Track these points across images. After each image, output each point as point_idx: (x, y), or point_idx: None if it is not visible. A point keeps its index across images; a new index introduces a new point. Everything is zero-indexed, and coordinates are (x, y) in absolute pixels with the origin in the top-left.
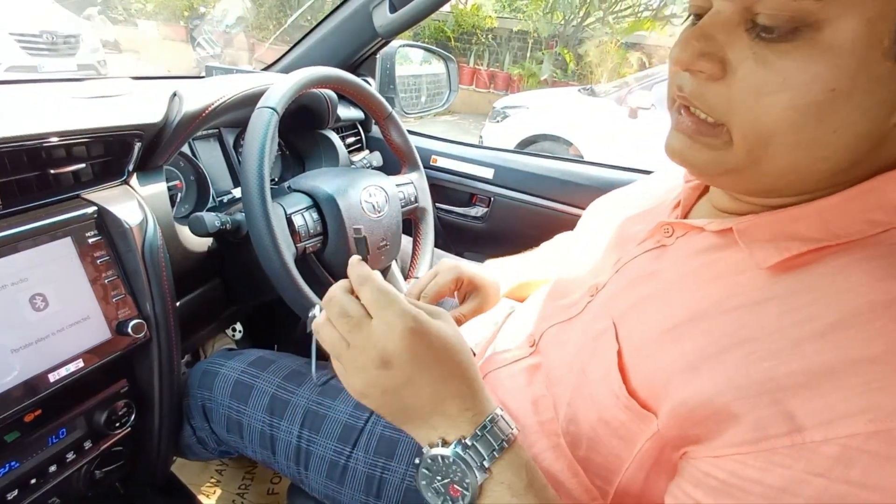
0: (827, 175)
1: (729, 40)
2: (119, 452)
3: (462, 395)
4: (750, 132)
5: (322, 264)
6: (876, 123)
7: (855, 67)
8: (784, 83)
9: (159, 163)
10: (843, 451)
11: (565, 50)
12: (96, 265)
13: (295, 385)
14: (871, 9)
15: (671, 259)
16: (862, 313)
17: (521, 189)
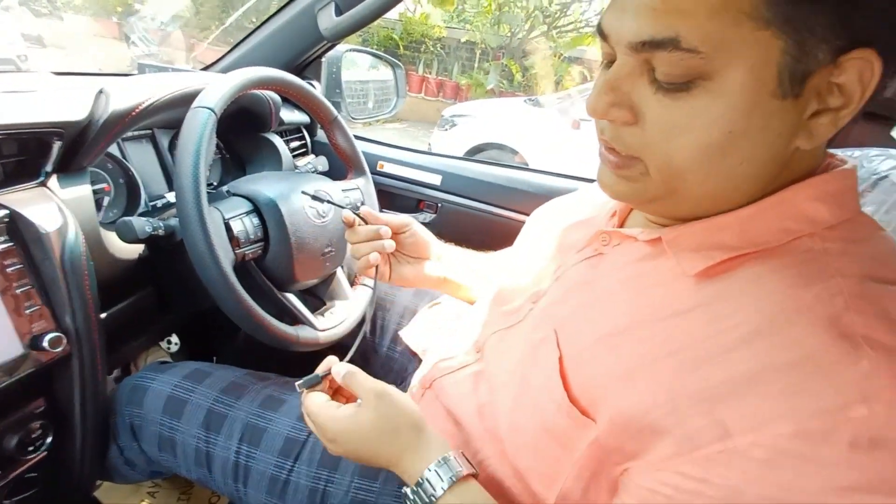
0: (741, 197)
1: (635, 89)
2: (34, 479)
3: (403, 453)
4: (665, 168)
5: (263, 271)
6: (777, 151)
7: (747, 109)
8: (688, 126)
9: (83, 164)
10: (770, 453)
11: (511, 61)
12: (6, 274)
13: (233, 398)
14: (751, 58)
15: (608, 267)
16: (777, 321)
17: (467, 195)
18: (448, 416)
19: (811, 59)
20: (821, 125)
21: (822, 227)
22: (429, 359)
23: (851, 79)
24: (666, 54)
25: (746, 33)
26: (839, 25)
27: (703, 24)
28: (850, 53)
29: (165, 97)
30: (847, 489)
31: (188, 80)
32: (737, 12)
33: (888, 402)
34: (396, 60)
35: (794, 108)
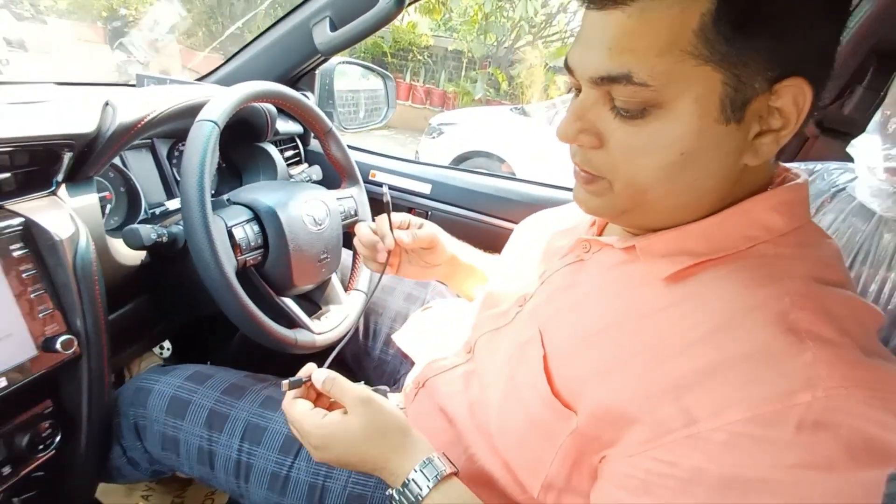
0: (701, 209)
1: (599, 117)
2: (40, 478)
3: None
4: (629, 185)
5: (263, 277)
6: (727, 168)
7: (696, 133)
8: (646, 149)
9: (90, 174)
10: (728, 436)
11: (498, 70)
12: (22, 279)
13: (234, 399)
14: (695, 90)
15: (588, 272)
16: (735, 317)
17: (456, 204)
18: (441, 413)
19: (748, 88)
20: (764, 144)
21: (777, 235)
22: (421, 360)
23: (787, 103)
24: (622, 87)
25: (689, 69)
26: (770, 60)
27: (652, 62)
28: (783, 82)
29: (169, 109)
30: (794, 466)
31: (190, 92)
32: (680, 52)
33: (828, 389)
34: (387, 72)
35: (739, 131)
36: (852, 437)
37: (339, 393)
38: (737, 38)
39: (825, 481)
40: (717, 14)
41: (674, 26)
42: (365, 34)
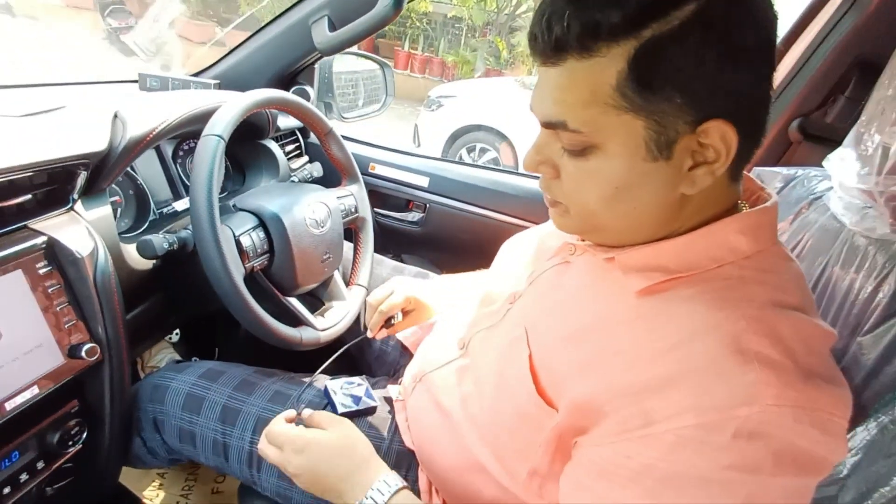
0: (652, 230)
1: (553, 153)
2: (70, 469)
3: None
4: (581, 210)
5: (269, 279)
6: (664, 198)
7: (626, 170)
8: (588, 182)
9: (103, 186)
10: (677, 438)
11: (498, 38)
12: (47, 294)
13: (245, 394)
14: (620, 135)
15: (572, 275)
16: (696, 334)
17: (454, 196)
18: (437, 406)
19: (670, 130)
20: (699, 175)
21: (741, 257)
22: (419, 354)
23: (715, 140)
24: (562, 132)
25: (612, 118)
26: (683, 107)
27: (581, 113)
28: (704, 124)
29: (176, 120)
30: (726, 468)
31: (195, 100)
32: (603, 104)
33: (764, 406)
34: (384, 60)
35: (669, 166)
36: (781, 447)
37: (319, 417)
38: (648, 92)
39: (750, 482)
40: (629, 74)
41: (595, 83)
42: (364, 35)
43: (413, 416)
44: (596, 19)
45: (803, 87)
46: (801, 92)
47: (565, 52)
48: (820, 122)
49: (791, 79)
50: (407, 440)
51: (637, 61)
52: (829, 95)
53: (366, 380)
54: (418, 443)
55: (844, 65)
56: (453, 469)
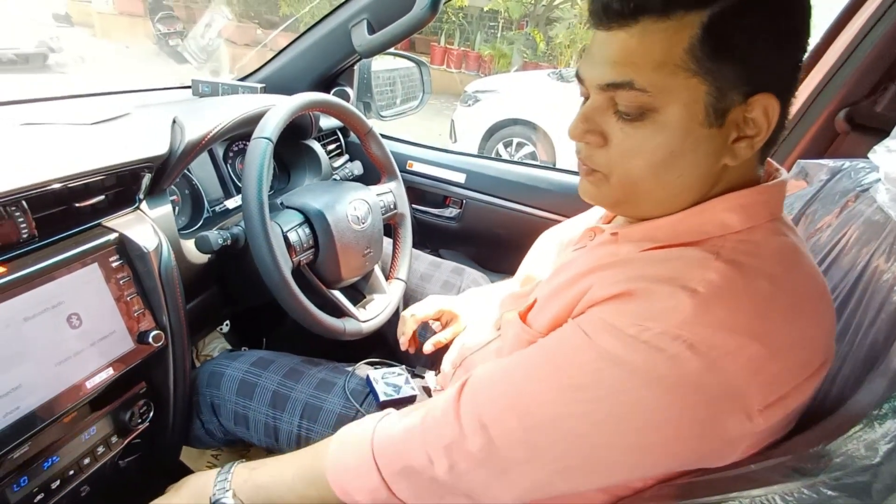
0: (681, 203)
1: (604, 120)
2: (138, 444)
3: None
4: (624, 178)
5: (314, 273)
6: (708, 167)
7: (683, 135)
8: (640, 148)
9: (164, 187)
10: (597, 321)
11: (535, 30)
12: (119, 285)
13: (293, 382)
14: (684, 97)
15: (583, 255)
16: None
17: (490, 192)
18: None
19: (727, 99)
20: (741, 148)
21: (730, 231)
22: (456, 343)
23: (759, 115)
24: (624, 93)
25: (680, 80)
26: (742, 77)
27: (650, 73)
28: (755, 96)
29: (229, 123)
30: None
31: (245, 104)
32: (672, 66)
33: (664, 328)
34: (421, 59)
35: (719, 135)
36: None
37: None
38: (717, 58)
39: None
40: (702, 39)
41: (667, 46)
42: (402, 37)
43: None
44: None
45: (851, 75)
46: (849, 81)
47: (642, 14)
48: (868, 111)
49: (838, 68)
50: None
51: (711, 27)
52: (878, 84)
53: (405, 370)
54: None
55: (895, 52)
56: None
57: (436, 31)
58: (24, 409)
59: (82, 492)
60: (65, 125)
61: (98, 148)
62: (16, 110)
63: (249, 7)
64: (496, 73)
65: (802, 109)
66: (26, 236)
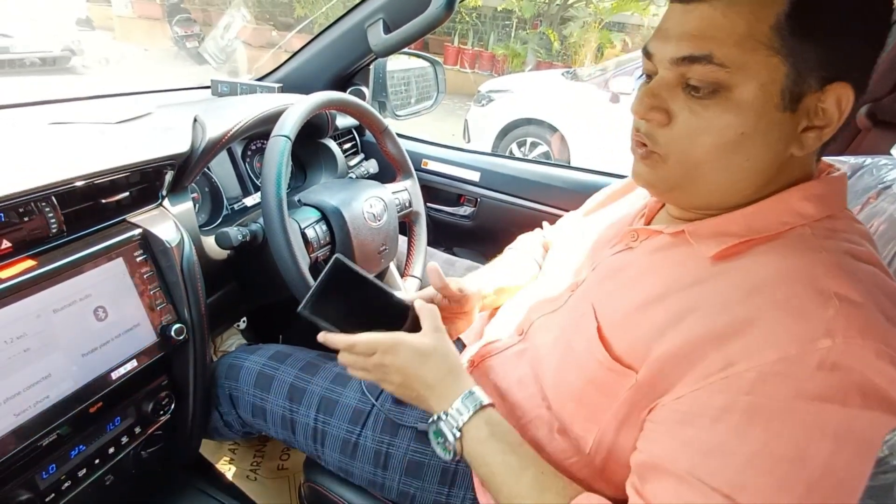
0: (742, 193)
1: (671, 97)
2: (160, 436)
3: (439, 381)
4: (687, 160)
5: None
6: (776, 154)
7: (756, 117)
8: (708, 128)
9: (185, 183)
10: (758, 374)
11: (549, 30)
12: (143, 279)
13: (310, 375)
14: (763, 76)
15: (637, 256)
16: (772, 279)
17: (504, 191)
18: (494, 390)
19: (805, 84)
20: (809, 138)
21: (810, 220)
22: (473, 341)
23: (831, 105)
24: (700, 67)
25: (761, 57)
26: (825, 62)
27: (731, 47)
28: (832, 84)
29: (249, 122)
30: (814, 398)
31: (263, 103)
32: (755, 42)
33: (846, 338)
34: (436, 58)
35: (791, 121)
36: (863, 381)
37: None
38: (802, 38)
39: (839, 414)
40: (790, 15)
41: (752, 20)
42: (417, 36)
43: None
44: None
45: (873, 72)
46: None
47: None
48: (891, 107)
49: None
50: None
51: (799, 6)
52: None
53: None
54: None
55: None
56: None
57: (449, 32)
58: (53, 398)
59: (106, 481)
60: (90, 124)
61: (122, 146)
62: (43, 110)
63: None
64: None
65: None
66: (55, 231)
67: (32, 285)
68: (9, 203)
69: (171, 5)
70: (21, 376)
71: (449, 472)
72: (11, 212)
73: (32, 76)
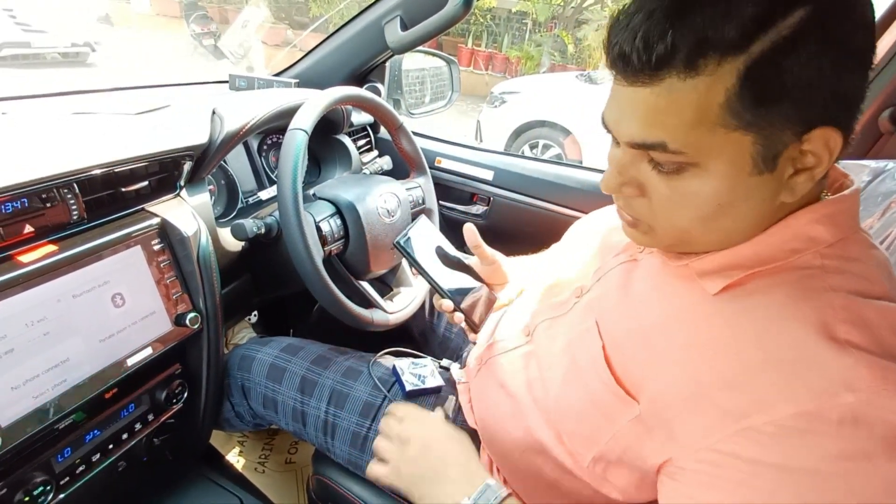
0: (748, 235)
1: (639, 172)
2: (172, 424)
3: (460, 464)
4: (671, 230)
5: (344, 264)
6: (764, 209)
7: (730, 186)
8: (685, 201)
9: (203, 175)
10: (777, 429)
11: (564, 32)
12: (160, 268)
13: (321, 368)
14: (727, 152)
15: (641, 273)
16: (779, 323)
17: (517, 190)
18: (501, 388)
19: (778, 142)
20: (799, 182)
21: (822, 246)
22: (482, 340)
23: (818, 147)
24: (658, 153)
25: (720, 137)
26: (793, 119)
27: (684, 134)
28: (811, 133)
29: (266, 115)
30: (838, 457)
31: (281, 97)
32: (710, 124)
33: (867, 390)
34: (451, 57)
35: (773, 178)
36: (887, 431)
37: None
38: (760, 107)
39: (864, 469)
40: (740, 91)
41: (701, 103)
42: (434, 33)
43: (477, 396)
44: (706, 35)
45: (895, 75)
46: (893, 80)
47: (666, 71)
48: None
49: (882, 67)
50: (470, 420)
51: (749, 76)
52: None
53: (431, 361)
54: (481, 423)
55: None
56: (515, 449)
57: (463, 33)
58: (70, 382)
59: (119, 467)
60: (111, 115)
61: (142, 136)
62: (65, 101)
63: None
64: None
65: None
66: (76, 218)
67: (53, 270)
68: (32, 189)
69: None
70: (40, 359)
71: None
72: (34, 197)
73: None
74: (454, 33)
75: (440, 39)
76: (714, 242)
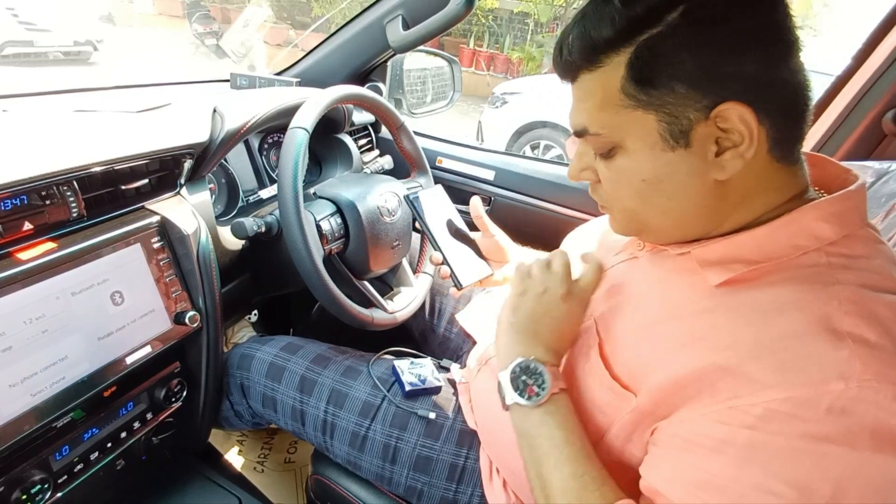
0: (700, 222)
1: (591, 160)
2: (171, 423)
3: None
4: (622, 210)
5: (344, 263)
6: (695, 187)
7: (648, 162)
8: (619, 181)
9: (203, 173)
10: (764, 410)
11: None
12: (160, 266)
13: (321, 367)
14: (637, 129)
15: (641, 270)
16: (781, 311)
17: (518, 190)
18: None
19: (683, 119)
20: (727, 160)
21: (826, 243)
22: (483, 339)
23: (735, 124)
24: (589, 137)
25: (625, 116)
26: (691, 96)
27: (597, 116)
28: (717, 109)
29: (267, 113)
30: (821, 440)
31: (282, 96)
32: (614, 105)
33: (861, 382)
34: (453, 56)
35: (692, 154)
36: (876, 425)
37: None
38: (649, 87)
39: (846, 457)
40: (628, 76)
41: (604, 89)
42: (436, 33)
43: (477, 397)
44: (592, 37)
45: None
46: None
47: (576, 68)
48: None
49: (886, 68)
50: (469, 421)
51: (633, 64)
52: None
53: (431, 361)
54: (481, 423)
55: None
56: (515, 449)
57: (465, 34)
58: (69, 380)
59: (118, 465)
60: (112, 112)
61: (143, 134)
62: (66, 99)
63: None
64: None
65: (847, 111)
66: (76, 215)
67: (52, 267)
68: (31, 186)
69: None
70: (39, 357)
71: (457, 468)
72: (34, 195)
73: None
74: (456, 34)
75: (442, 40)
76: (669, 225)
